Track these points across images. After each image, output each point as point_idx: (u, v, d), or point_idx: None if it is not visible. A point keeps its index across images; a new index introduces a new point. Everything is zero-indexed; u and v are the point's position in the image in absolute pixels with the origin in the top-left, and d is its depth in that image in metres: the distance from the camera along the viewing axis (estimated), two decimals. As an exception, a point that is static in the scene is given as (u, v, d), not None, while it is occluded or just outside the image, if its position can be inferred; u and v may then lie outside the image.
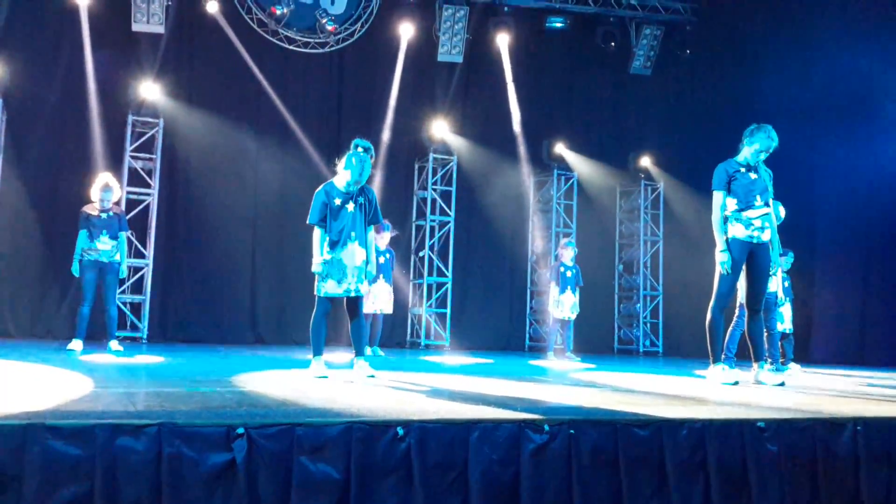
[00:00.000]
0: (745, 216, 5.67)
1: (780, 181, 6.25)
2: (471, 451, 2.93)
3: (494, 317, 13.25)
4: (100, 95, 10.93)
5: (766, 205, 5.73)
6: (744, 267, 5.78)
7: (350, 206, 5.34)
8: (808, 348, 11.26)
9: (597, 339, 13.36)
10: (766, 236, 5.73)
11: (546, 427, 3.05)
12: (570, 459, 3.05)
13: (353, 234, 5.31)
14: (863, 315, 11.16)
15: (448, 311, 12.57)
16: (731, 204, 5.70)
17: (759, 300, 5.83)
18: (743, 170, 5.73)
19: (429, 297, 12.59)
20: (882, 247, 10.94)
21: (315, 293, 5.38)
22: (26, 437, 2.44)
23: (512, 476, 2.97)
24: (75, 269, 7.85)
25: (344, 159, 5.37)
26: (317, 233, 5.35)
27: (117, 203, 8.24)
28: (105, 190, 7.90)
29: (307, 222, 5.39)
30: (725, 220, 5.73)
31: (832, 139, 11.35)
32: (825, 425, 3.54)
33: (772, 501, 3.31)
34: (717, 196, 5.76)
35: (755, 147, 5.70)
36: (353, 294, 5.34)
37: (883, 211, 10.88)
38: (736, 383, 5.62)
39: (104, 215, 7.88)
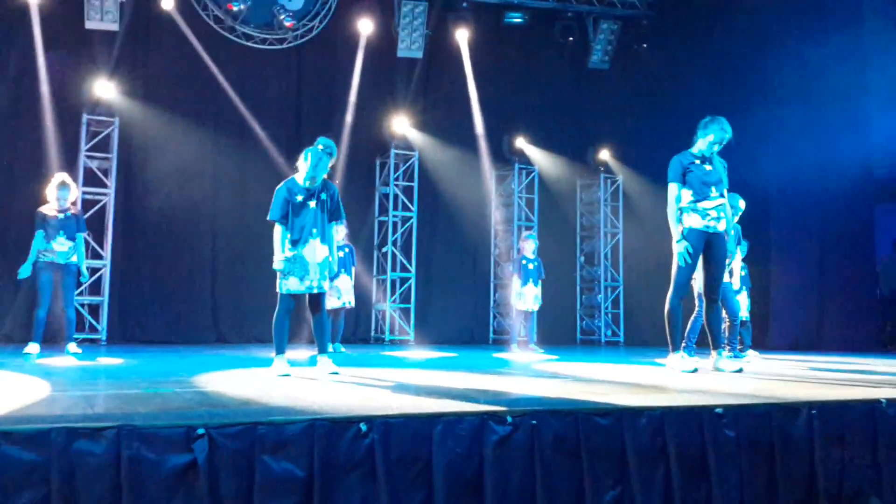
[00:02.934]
0: (700, 207, 5.76)
1: (735, 171, 6.35)
2: (434, 445, 2.94)
3: (458, 311, 13.29)
4: (53, 95, 10.72)
5: (721, 195, 5.82)
6: (701, 256, 5.87)
7: (312, 203, 5.30)
8: (766, 335, 11.48)
9: (559, 330, 13.47)
10: (721, 226, 5.82)
11: (509, 419, 3.07)
12: (532, 450, 3.07)
13: (314, 230, 5.28)
14: (819, 302, 11.40)
15: (412, 305, 12.58)
16: (687, 195, 5.79)
17: (715, 289, 5.93)
18: (698, 161, 5.82)
19: (392, 292, 12.58)
20: (837, 234, 11.18)
21: (277, 290, 5.34)
22: (-20, 444, 2.39)
23: (476, 468, 2.99)
24: (25, 271, 7.59)
25: (303, 155, 5.34)
26: (278, 230, 5.31)
27: (74, 203, 8.07)
28: (61, 188, 7.72)
29: (268, 219, 5.35)
30: (681, 211, 5.81)
31: (786, 129, 11.57)
32: (781, 410, 3.61)
33: (731, 485, 3.37)
34: (672, 188, 5.84)
35: (709, 139, 5.79)
36: (315, 291, 5.31)
37: (836, 199, 11.12)
38: (695, 370, 5.72)
39: (61, 215, 7.70)
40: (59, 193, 7.71)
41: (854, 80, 10.89)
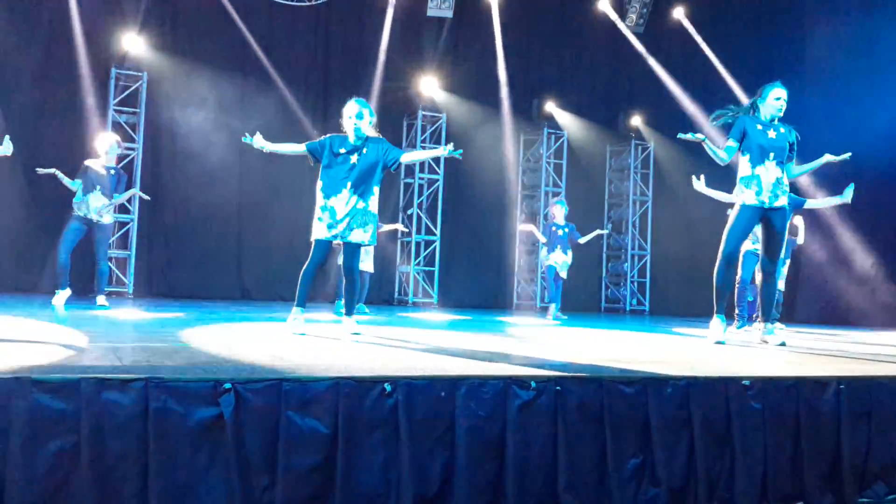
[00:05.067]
0: (757, 178, 5.60)
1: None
2: (457, 407, 2.94)
3: (482, 275, 13.28)
4: (83, 47, 10.71)
5: (780, 165, 5.65)
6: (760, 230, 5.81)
7: (353, 158, 5.31)
8: (794, 308, 11.37)
9: (584, 297, 13.44)
10: (780, 202, 5.66)
11: (532, 384, 3.06)
12: (556, 416, 3.06)
13: (349, 184, 5.27)
14: (847, 276, 11.25)
15: (436, 269, 12.58)
16: (745, 162, 5.68)
17: (771, 263, 5.83)
18: (760, 127, 5.68)
19: (417, 255, 12.59)
20: (866, 208, 10.97)
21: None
22: (12, 391, 2.42)
23: (498, 432, 2.99)
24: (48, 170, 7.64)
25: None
26: (298, 146, 5.39)
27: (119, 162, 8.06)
28: (112, 145, 7.80)
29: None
30: (739, 183, 5.70)
31: (819, 97, 11.32)
32: (809, 384, 3.57)
33: (755, 458, 3.35)
34: (729, 142, 5.70)
35: (762, 107, 5.70)
36: (339, 238, 5.25)
37: (867, 171, 10.88)
38: (723, 343, 5.66)
39: (104, 171, 7.73)
40: (109, 149, 7.78)
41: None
